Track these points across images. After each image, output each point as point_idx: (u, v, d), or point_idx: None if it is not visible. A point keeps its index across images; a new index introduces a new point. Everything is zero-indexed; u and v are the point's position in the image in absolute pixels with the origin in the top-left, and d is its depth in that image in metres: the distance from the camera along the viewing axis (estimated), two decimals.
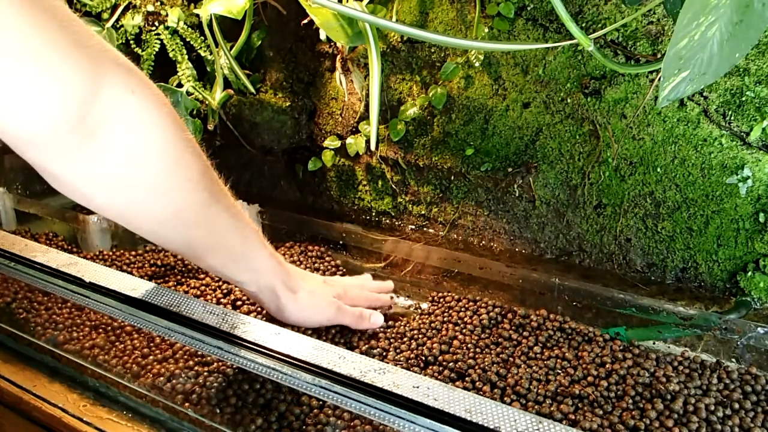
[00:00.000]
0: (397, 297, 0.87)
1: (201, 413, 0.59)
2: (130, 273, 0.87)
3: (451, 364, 0.68)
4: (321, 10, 0.84)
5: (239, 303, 0.80)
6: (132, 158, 0.56)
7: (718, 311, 0.73)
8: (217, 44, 1.03)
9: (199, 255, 0.67)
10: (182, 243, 0.65)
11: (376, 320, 0.75)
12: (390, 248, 0.96)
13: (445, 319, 0.78)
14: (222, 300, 0.81)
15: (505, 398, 0.62)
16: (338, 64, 1.00)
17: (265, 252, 0.70)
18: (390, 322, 0.77)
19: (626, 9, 0.79)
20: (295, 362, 0.51)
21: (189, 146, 0.61)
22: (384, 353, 0.71)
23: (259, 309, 0.77)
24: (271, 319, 0.73)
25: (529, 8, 0.86)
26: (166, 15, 1.05)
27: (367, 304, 0.78)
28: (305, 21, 0.98)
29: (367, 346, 0.71)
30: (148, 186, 0.58)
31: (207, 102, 1.08)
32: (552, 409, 0.60)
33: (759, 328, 0.70)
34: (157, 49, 1.07)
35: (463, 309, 0.79)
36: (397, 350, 0.71)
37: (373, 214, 1.08)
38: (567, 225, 0.89)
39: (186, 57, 1.06)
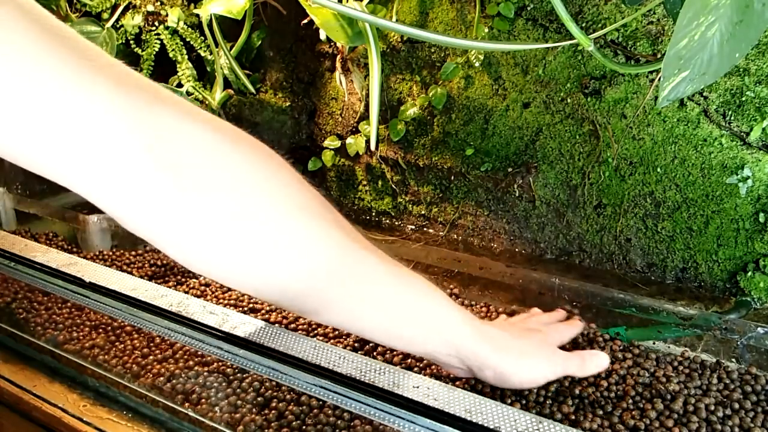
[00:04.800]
0: None
1: (201, 413, 0.59)
2: (130, 273, 0.87)
3: None
4: (321, 10, 0.84)
5: (240, 303, 0.80)
6: (245, 208, 0.45)
7: (718, 311, 0.73)
8: (217, 44, 1.03)
9: (358, 323, 0.52)
10: (319, 305, 0.50)
11: (600, 361, 0.61)
12: (390, 248, 0.96)
13: None
14: (222, 300, 0.81)
15: (506, 399, 0.62)
16: (338, 64, 1.00)
17: (446, 314, 0.53)
18: None
19: (626, 9, 0.79)
20: (295, 362, 0.51)
21: (310, 189, 0.49)
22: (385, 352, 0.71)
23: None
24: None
25: (529, 8, 0.86)
26: (166, 15, 1.05)
27: (568, 339, 0.65)
28: (305, 21, 0.98)
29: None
30: (265, 239, 0.46)
31: (207, 102, 1.08)
32: (552, 409, 0.60)
33: (759, 328, 0.70)
34: (157, 49, 1.07)
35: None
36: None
37: (373, 214, 1.08)
38: (567, 225, 0.89)
39: (186, 57, 1.06)
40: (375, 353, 0.70)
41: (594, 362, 0.61)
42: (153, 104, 0.43)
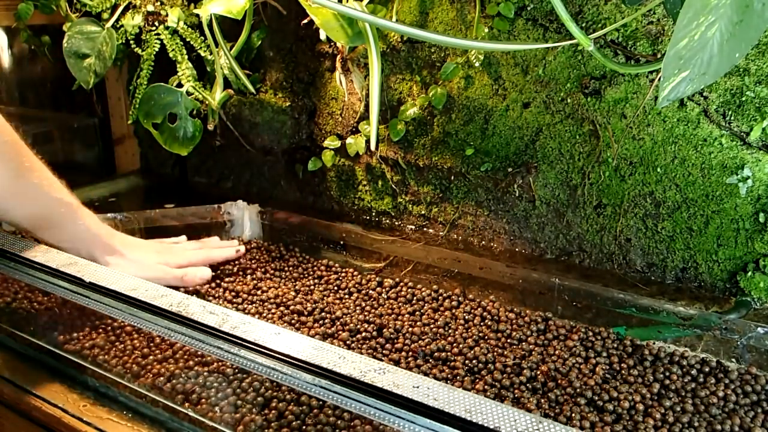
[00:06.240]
0: None
1: (201, 413, 0.59)
2: None
3: (446, 360, 0.68)
4: (321, 10, 0.84)
5: (240, 303, 0.80)
6: None
7: (718, 311, 0.73)
8: (217, 44, 1.03)
9: (20, 225, 0.78)
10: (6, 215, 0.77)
11: (203, 275, 0.85)
12: (390, 248, 0.96)
13: (446, 320, 0.78)
14: (222, 299, 0.81)
15: (505, 399, 0.62)
16: (338, 64, 1.00)
17: (83, 223, 0.79)
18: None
19: (626, 9, 0.79)
20: (295, 362, 0.51)
21: None
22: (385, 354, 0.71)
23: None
24: None
25: (529, 8, 0.86)
26: (166, 15, 1.05)
27: (201, 263, 0.87)
28: (305, 21, 0.98)
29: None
30: None
31: (207, 102, 1.08)
32: (553, 409, 0.60)
33: (759, 328, 0.70)
34: (157, 49, 1.07)
35: (464, 310, 0.79)
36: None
37: (373, 214, 1.08)
38: (567, 225, 0.89)
39: (186, 57, 1.06)
40: (375, 353, 0.70)
41: (196, 277, 0.84)
42: None
